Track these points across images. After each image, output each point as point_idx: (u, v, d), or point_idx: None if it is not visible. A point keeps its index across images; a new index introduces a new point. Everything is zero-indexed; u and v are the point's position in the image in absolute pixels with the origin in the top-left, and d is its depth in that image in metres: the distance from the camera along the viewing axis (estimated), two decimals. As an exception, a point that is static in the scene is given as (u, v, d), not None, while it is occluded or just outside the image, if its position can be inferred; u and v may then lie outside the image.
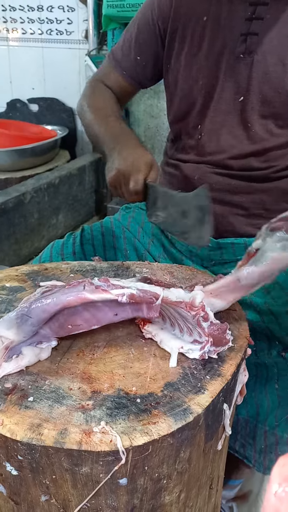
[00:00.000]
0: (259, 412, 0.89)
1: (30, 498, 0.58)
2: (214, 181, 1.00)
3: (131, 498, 0.57)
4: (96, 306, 0.64)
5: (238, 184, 0.99)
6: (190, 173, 1.03)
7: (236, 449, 0.93)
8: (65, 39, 2.84)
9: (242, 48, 0.92)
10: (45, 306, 0.61)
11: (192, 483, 0.64)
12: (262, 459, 0.91)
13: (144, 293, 0.62)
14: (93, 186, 2.86)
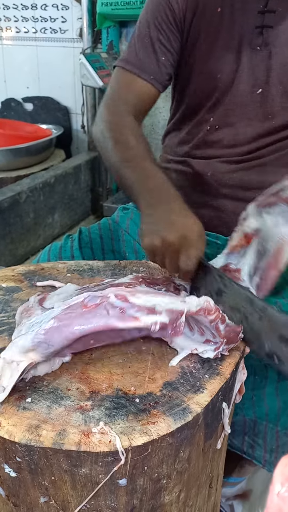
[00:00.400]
0: (268, 413, 0.88)
1: (29, 500, 0.58)
2: (228, 177, 0.99)
3: (130, 498, 0.57)
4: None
5: (250, 179, 0.98)
6: (202, 170, 1.01)
7: (244, 450, 0.92)
8: (59, 38, 2.83)
9: (259, 40, 0.93)
10: (69, 336, 0.58)
11: (191, 483, 0.63)
12: (273, 459, 0.90)
13: (171, 314, 0.61)
14: (89, 185, 2.86)
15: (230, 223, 1.00)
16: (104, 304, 0.60)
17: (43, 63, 2.94)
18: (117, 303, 0.60)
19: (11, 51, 2.99)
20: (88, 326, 0.59)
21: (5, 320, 0.75)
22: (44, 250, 1.07)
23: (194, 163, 1.04)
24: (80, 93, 2.83)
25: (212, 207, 1.03)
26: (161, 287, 0.73)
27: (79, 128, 2.99)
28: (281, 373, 0.78)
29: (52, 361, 0.63)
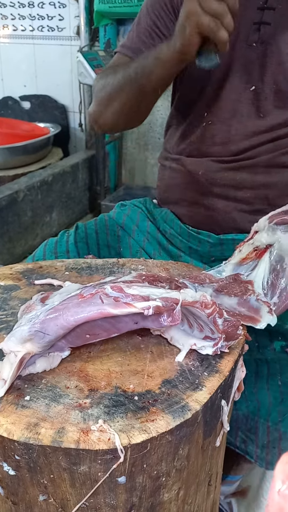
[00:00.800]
0: (260, 408, 0.88)
1: (28, 498, 0.58)
2: (219, 176, 0.99)
3: (130, 496, 0.57)
4: (116, 317, 0.62)
5: (242, 179, 0.98)
6: (194, 169, 1.01)
7: (237, 445, 0.93)
8: (56, 36, 2.82)
9: (255, 37, 0.92)
10: (64, 323, 0.59)
11: (191, 480, 0.63)
12: (265, 455, 0.91)
13: (165, 301, 0.61)
14: (87, 184, 2.85)
15: (221, 222, 1.00)
16: (99, 294, 0.60)
17: (40, 61, 2.93)
18: (112, 293, 0.61)
19: (8, 49, 2.98)
20: (82, 314, 0.59)
21: (3, 318, 0.75)
22: (40, 246, 1.07)
23: (186, 162, 1.04)
24: (78, 91, 2.83)
25: (203, 206, 1.03)
26: (164, 285, 0.73)
27: (76, 127, 2.99)
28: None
29: (50, 357, 0.63)
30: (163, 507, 0.61)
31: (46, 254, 1.03)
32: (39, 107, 3.03)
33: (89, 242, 1.07)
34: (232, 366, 0.65)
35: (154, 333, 0.70)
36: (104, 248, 1.08)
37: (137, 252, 1.04)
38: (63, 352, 0.65)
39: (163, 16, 1.00)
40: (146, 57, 0.92)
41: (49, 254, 1.03)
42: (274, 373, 0.87)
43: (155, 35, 1.01)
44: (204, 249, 1.02)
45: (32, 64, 2.95)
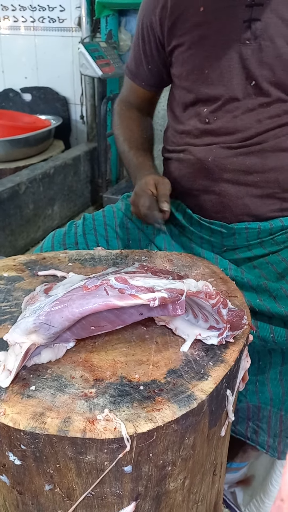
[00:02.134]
0: (273, 397, 0.88)
1: (34, 488, 0.58)
2: (229, 162, 0.99)
3: (136, 485, 0.57)
4: (121, 308, 0.62)
5: (252, 163, 0.98)
6: (203, 156, 1.01)
7: (248, 435, 0.93)
8: (57, 27, 2.80)
9: (247, 34, 0.93)
10: (69, 315, 0.58)
11: (196, 470, 0.63)
12: (277, 444, 0.91)
13: (171, 292, 0.60)
14: (88, 176, 2.84)
15: (233, 208, 1.00)
16: (103, 286, 0.60)
17: (41, 53, 2.91)
18: (116, 285, 0.60)
19: (9, 41, 2.96)
20: (88, 306, 0.58)
21: (7, 309, 0.75)
22: (48, 237, 1.07)
23: (195, 150, 1.04)
24: (79, 83, 2.81)
25: (214, 192, 1.03)
26: (167, 276, 0.72)
27: (78, 119, 2.97)
28: None
29: (56, 348, 0.63)
30: (169, 496, 0.61)
31: (54, 246, 1.03)
32: (40, 99, 3.01)
33: (98, 234, 1.06)
34: (237, 356, 0.65)
35: (158, 324, 0.70)
36: (113, 240, 1.07)
37: (147, 245, 1.04)
38: (68, 343, 0.65)
39: (151, 40, 1.08)
40: (128, 162, 1.16)
41: (57, 246, 1.03)
42: (287, 362, 0.87)
43: (147, 60, 1.13)
44: (216, 239, 1.02)
45: (33, 56, 2.93)
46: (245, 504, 1.15)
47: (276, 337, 0.84)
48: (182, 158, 1.07)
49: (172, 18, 1.02)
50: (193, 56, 1.00)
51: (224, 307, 0.65)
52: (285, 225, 0.99)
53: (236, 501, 1.18)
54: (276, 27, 0.91)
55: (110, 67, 2.46)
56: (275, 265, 0.94)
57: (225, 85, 0.97)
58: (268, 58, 0.92)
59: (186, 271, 0.86)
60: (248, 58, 0.94)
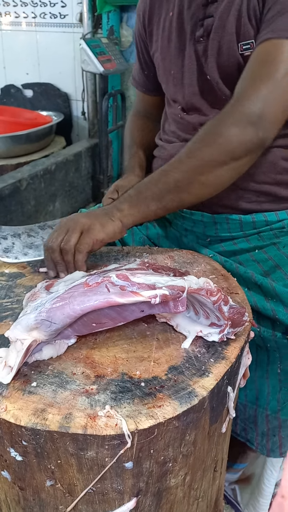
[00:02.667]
0: (258, 397, 0.88)
1: (35, 483, 0.58)
2: None
3: (137, 481, 0.57)
4: (122, 305, 0.62)
5: None
6: (175, 152, 1.02)
7: (238, 432, 0.93)
8: (59, 23, 2.79)
9: (201, 31, 0.95)
10: (70, 312, 0.58)
11: (197, 466, 0.64)
12: (265, 442, 0.91)
13: (172, 289, 0.60)
14: (90, 173, 2.84)
15: (206, 202, 1.00)
16: (105, 283, 0.60)
17: (43, 49, 2.90)
18: (118, 282, 0.60)
19: (11, 37, 2.95)
20: (89, 303, 0.58)
21: (9, 305, 0.75)
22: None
23: (168, 147, 1.07)
24: (81, 79, 2.80)
25: None
26: (168, 272, 0.72)
27: (79, 115, 2.96)
28: None
29: (57, 344, 0.63)
30: (170, 492, 0.62)
31: None
32: (41, 95, 3.00)
33: None
34: (239, 353, 0.65)
35: (160, 320, 0.70)
36: None
37: (141, 238, 1.04)
38: (69, 339, 0.65)
39: (143, 46, 1.13)
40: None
41: None
42: (273, 361, 0.86)
43: (142, 66, 1.17)
44: (198, 229, 1.02)
45: (34, 52, 2.92)
46: (244, 503, 1.16)
47: (262, 332, 0.84)
48: (161, 156, 1.10)
49: (150, 25, 1.07)
50: (164, 60, 1.04)
51: (225, 304, 0.65)
52: (269, 220, 0.98)
53: (236, 497, 1.19)
54: (221, 20, 0.91)
55: (112, 63, 2.45)
56: (261, 263, 0.94)
57: (188, 84, 0.99)
58: (212, 52, 0.94)
59: (187, 268, 0.86)
60: (202, 55, 0.96)
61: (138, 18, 1.10)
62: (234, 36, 0.90)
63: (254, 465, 1.18)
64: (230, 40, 0.91)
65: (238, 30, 0.90)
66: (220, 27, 0.92)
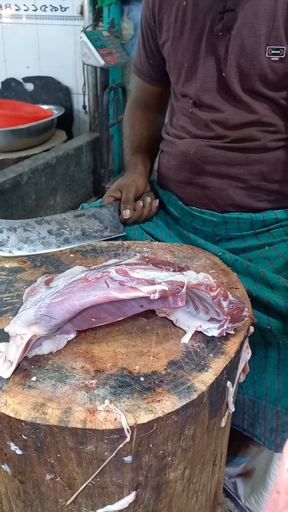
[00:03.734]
0: (268, 393, 0.88)
1: (35, 477, 0.58)
2: (211, 154, 0.99)
3: (136, 475, 0.57)
4: (122, 300, 0.61)
5: (234, 156, 0.98)
6: (186, 148, 1.02)
7: (245, 428, 0.93)
8: (59, 16, 2.78)
9: (220, 26, 0.92)
10: (70, 308, 0.58)
11: (196, 460, 0.64)
12: (274, 438, 0.91)
13: (171, 285, 0.60)
14: (91, 167, 2.83)
15: (217, 200, 1.00)
16: (104, 278, 0.60)
17: (43, 42, 2.88)
18: (117, 277, 0.60)
19: (11, 30, 2.93)
20: (88, 298, 0.58)
21: (9, 300, 0.75)
22: None
23: (179, 143, 1.05)
24: (81, 73, 2.79)
25: (198, 185, 1.03)
26: (168, 267, 0.72)
27: (80, 109, 2.95)
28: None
29: (57, 339, 0.63)
30: (169, 486, 0.62)
31: None
32: (42, 88, 2.99)
33: None
34: (238, 348, 0.65)
35: (159, 315, 0.70)
36: None
37: (142, 234, 1.04)
38: (69, 334, 0.65)
39: (149, 35, 1.10)
40: (125, 161, 1.21)
41: None
42: (285, 358, 0.86)
43: (147, 55, 1.14)
44: (208, 229, 1.02)
45: (35, 45, 2.91)
46: (245, 496, 1.16)
47: (273, 328, 0.84)
48: (170, 151, 1.09)
49: (161, 13, 1.03)
50: (175, 51, 1.01)
51: (225, 299, 0.65)
52: (279, 217, 0.98)
53: (237, 491, 1.19)
54: (246, 17, 0.89)
55: (113, 57, 2.43)
56: (272, 260, 0.93)
57: (201, 79, 0.97)
58: (233, 49, 0.91)
59: (187, 263, 0.86)
60: (220, 49, 0.93)
61: (147, 5, 1.06)
62: (262, 38, 0.88)
63: (256, 459, 1.18)
64: (257, 42, 0.89)
65: (268, 33, 0.88)
66: (245, 25, 0.89)
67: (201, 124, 1.01)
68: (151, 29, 1.08)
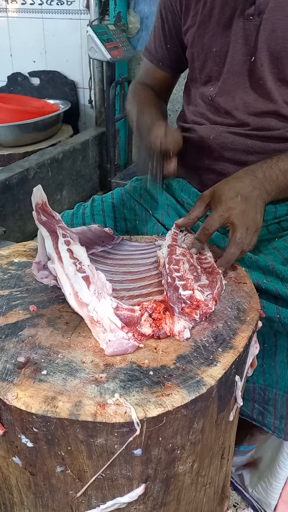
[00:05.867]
0: (278, 380, 0.89)
1: (46, 469, 0.59)
2: (230, 140, 1.00)
3: (145, 468, 0.58)
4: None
5: (253, 143, 0.98)
6: (206, 134, 1.03)
7: (254, 417, 0.93)
8: (65, 9, 2.77)
9: (251, 9, 0.93)
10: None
11: (204, 453, 0.64)
12: (283, 426, 0.91)
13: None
14: (97, 161, 2.83)
15: None
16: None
17: (49, 36, 2.88)
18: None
19: (17, 24, 2.93)
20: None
21: (18, 294, 0.76)
22: None
23: (198, 129, 1.06)
24: (88, 67, 2.78)
25: (215, 171, 1.04)
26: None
27: (86, 103, 2.95)
28: None
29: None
30: (178, 479, 0.63)
31: None
32: (48, 83, 2.99)
33: (105, 215, 1.07)
34: (246, 343, 0.65)
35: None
36: (121, 221, 1.08)
37: (154, 225, 1.04)
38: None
39: (170, 18, 1.09)
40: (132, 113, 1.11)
41: None
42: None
43: (166, 39, 1.12)
44: None
45: (41, 39, 2.90)
46: (252, 485, 1.16)
47: (282, 317, 0.84)
48: (187, 137, 1.08)
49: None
50: (202, 35, 1.01)
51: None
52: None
53: (243, 483, 1.20)
54: (278, 1, 0.90)
55: (119, 51, 2.43)
56: (282, 250, 0.93)
57: (230, 63, 0.97)
58: (263, 32, 0.92)
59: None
60: (250, 33, 0.94)
61: None
62: (287, 14, 0.88)
63: (262, 448, 1.18)
64: (282, 19, 0.89)
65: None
66: (278, 8, 0.90)
67: (222, 111, 1.01)
68: (175, 13, 1.07)
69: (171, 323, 0.65)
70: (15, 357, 0.61)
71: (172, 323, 0.65)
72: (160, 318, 0.66)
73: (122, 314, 0.65)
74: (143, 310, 0.66)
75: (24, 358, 0.60)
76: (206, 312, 0.68)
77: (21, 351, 0.62)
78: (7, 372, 0.58)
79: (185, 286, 0.69)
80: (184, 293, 0.68)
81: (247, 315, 0.70)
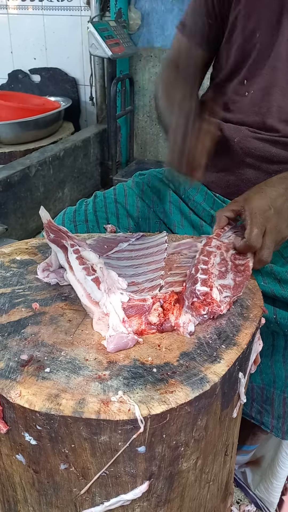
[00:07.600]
0: (275, 380, 0.89)
1: (49, 467, 0.59)
2: (254, 146, 0.96)
3: (149, 465, 0.58)
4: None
5: (278, 152, 0.95)
6: (231, 135, 0.98)
7: (253, 415, 0.94)
8: (66, 6, 2.76)
9: None
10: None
11: (208, 450, 0.64)
12: (281, 425, 0.92)
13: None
14: (98, 159, 2.83)
15: (240, 191, 0.98)
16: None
17: (50, 33, 2.87)
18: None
19: (17, 21, 2.93)
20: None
21: (21, 292, 0.75)
22: (59, 215, 1.07)
23: (224, 127, 1.00)
24: (88, 64, 2.78)
25: (234, 174, 1.01)
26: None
27: (87, 100, 2.95)
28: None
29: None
30: (181, 476, 0.62)
31: (65, 223, 1.03)
32: (49, 80, 2.99)
33: (108, 211, 1.06)
34: (250, 339, 0.65)
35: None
36: (123, 217, 1.07)
37: (156, 223, 1.03)
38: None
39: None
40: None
41: (67, 223, 1.03)
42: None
43: (208, 13, 1.01)
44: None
45: (41, 36, 2.90)
46: (255, 484, 1.17)
47: (279, 318, 0.84)
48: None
49: None
50: (247, 13, 0.94)
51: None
52: None
53: (246, 480, 1.20)
54: None
55: (120, 47, 2.42)
56: (282, 250, 0.93)
57: (269, 52, 0.92)
58: None
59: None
60: None
61: None
62: None
63: (264, 447, 1.19)
64: None
65: None
66: None
67: (251, 111, 0.96)
68: None
69: (178, 314, 0.65)
70: (18, 355, 0.61)
71: (179, 315, 0.65)
72: (169, 308, 0.66)
73: (134, 305, 0.64)
74: (155, 299, 0.66)
75: (27, 356, 0.60)
76: (215, 313, 0.67)
77: (24, 349, 0.62)
78: (10, 370, 0.58)
79: (205, 282, 0.68)
80: (201, 288, 0.68)
81: (250, 312, 0.70)
